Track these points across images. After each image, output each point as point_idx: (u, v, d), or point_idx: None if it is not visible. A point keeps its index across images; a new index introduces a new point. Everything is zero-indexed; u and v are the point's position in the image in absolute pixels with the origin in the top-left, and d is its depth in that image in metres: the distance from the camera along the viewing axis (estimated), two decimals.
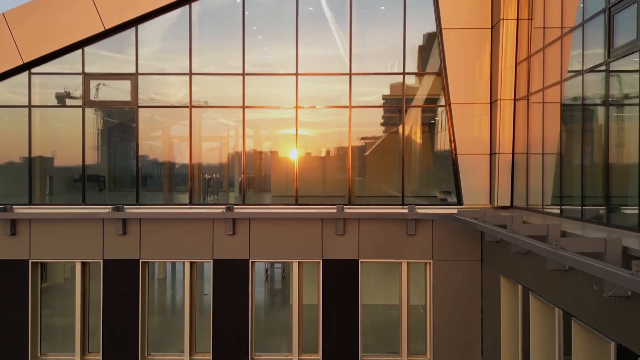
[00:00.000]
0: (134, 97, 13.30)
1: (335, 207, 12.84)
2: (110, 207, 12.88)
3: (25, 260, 12.85)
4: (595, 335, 7.13)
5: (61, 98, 13.61)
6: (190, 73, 13.24)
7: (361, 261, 12.82)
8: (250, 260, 12.82)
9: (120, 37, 13.31)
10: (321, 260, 12.82)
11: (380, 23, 13.78)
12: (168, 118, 14.08)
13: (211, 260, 12.82)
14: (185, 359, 12.96)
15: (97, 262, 12.91)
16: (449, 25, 12.69)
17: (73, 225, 12.80)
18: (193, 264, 13.11)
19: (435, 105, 13.65)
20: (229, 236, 12.76)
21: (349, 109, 13.25)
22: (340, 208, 12.74)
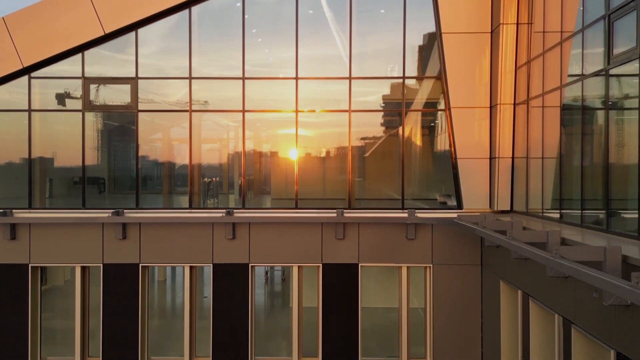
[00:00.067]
0: (133, 102, 13.30)
1: (335, 212, 12.84)
2: (110, 212, 12.88)
3: (25, 264, 12.86)
4: (595, 343, 7.13)
5: (61, 98, 13.60)
6: (190, 77, 13.24)
7: (361, 265, 12.82)
8: (250, 265, 12.83)
9: (121, 38, 13.31)
10: (321, 264, 12.82)
11: (380, 25, 13.77)
12: (168, 120, 14.10)
13: (211, 265, 12.83)
14: None
15: (97, 267, 12.92)
16: (449, 29, 12.68)
17: (73, 230, 12.80)
18: (193, 269, 13.11)
19: (435, 110, 13.65)
20: (229, 240, 12.77)
21: (349, 113, 13.25)
22: (340, 212, 12.74)
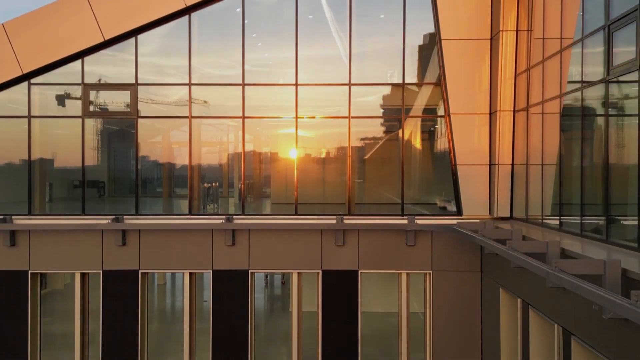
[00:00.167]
0: (133, 108, 13.29)
1: (334, 218, 12.85)
2: (110, 218, 12.88)
3: (24, 271, 12.85)
4: (595, 355, 7.13)
5: (61, 99, 13.60)
6: (190, 83, 13.24)
7: (361, 272, 12.82)
8: (249, 271, 12.83)
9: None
10: (321, 270, 12.82)
11: (379, 30, 13.78)
12: (168, 123, 14.10)
13: (211, 271, 12.82)
14: None
15: (97, 273, 12.91)
16: (449, 35, 12.69)
17: (73, 236, 12.79)
18: (193, 275, 13.11)
19: (435, 116, 13.66)
20: (229, 247, 12.77)
21: (349, 119, 13.26)
22: (340, 219, 12.74)
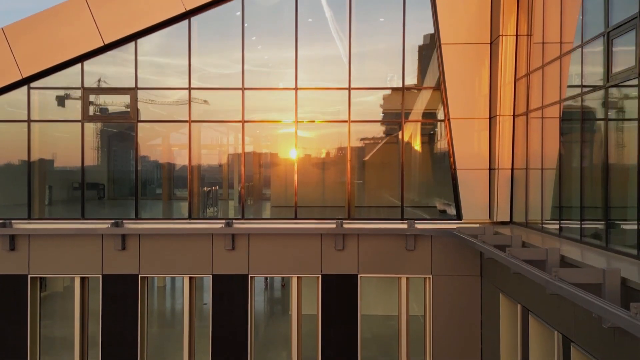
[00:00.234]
0: (133, 112, 13.29)
1: (334, 222, 12.85)
2: (109, 222, 12.88)
3: (24, 275, 12.85)
4: None
5: (61, 99, 13.60)
6: (190, 88, 13.23)
7: (360, 276, 12.82)
8: (249, 276, 12.83)
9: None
10: (320, 275, 12.82)
11: (379, 31, 13.79)
12: (168, 126, 14.10)
13: (210, 275, 12.82)
14: None
15: (97, 277, 12.90)
16: (448, 40, 12.68)
17: (72, 241, 12.79)
18: (192, 279, 13.11)
19: (435, 120, 13.66)
20: (228, 251, 12.76)
21: (348, 123, 13.26)
22: (340, 223, 12.74)
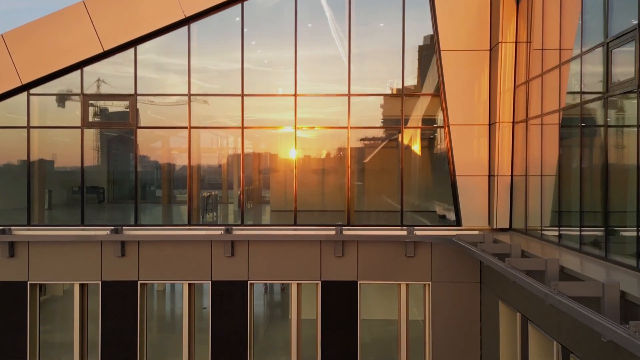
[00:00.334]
0: (132, 118, 13.28)
1: (334, 229, 12.84)
2: (109, 229, 12.87)
3: (23, 281, 12.84)
4: None
5: (61, 98, 13.59)
6: (189, 94, 13.23)
7: (360, 283, 12.82)
8: (248, 282, 12.82)
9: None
10: (320, 281, 12.82)
11: (379, 35, 13.80)
12: (167, 130, 14.11)
13: (210, 282, 12.82)
14: None
15: (96, 284, 12.90)
16: (448, 47, 12.67)
17: (72, 247, 12.78)
18: (192, 286, 13.10)
19: (434, 127, 13.66)
20: (228, 258, 12.76)
21: (348, 130, 13.25)
22: (339, 230, 12.73)
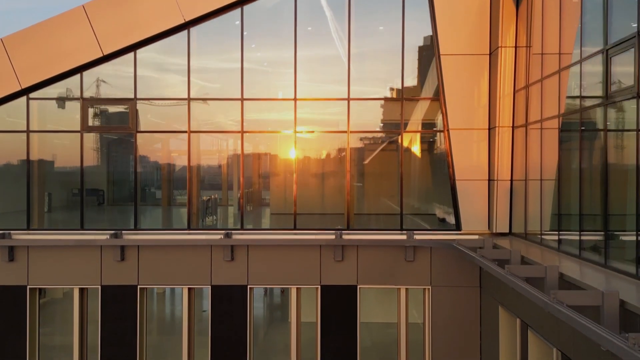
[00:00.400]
0: (132, 122, 13.28)
1: (333, 233, 12.84)
2: (108, 233, 12.87)
3: (23, 286, 12.84)
4: None
5: (61, 101, 13.59)
6: (189, 98, 13.24)
7: (359, 287, 12.82)
8: (248, 287, 12.82)
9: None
10: (319, 286, 12.82)
11: (379, 35, 13.83)
12: (167, 127, 14.14)
13: (209, 286, 12.82)
14: None
15: (95, 288, 12.90)
16: (447, 51, 12.68)
17: (71, 252, 12.77)
18: (191, 290, 13.10)
19: (434, 131, 13.67)
20: (227, 262, 12.75)
21: (347, 134, 13.26)
22: (339, 234, 12.73)
